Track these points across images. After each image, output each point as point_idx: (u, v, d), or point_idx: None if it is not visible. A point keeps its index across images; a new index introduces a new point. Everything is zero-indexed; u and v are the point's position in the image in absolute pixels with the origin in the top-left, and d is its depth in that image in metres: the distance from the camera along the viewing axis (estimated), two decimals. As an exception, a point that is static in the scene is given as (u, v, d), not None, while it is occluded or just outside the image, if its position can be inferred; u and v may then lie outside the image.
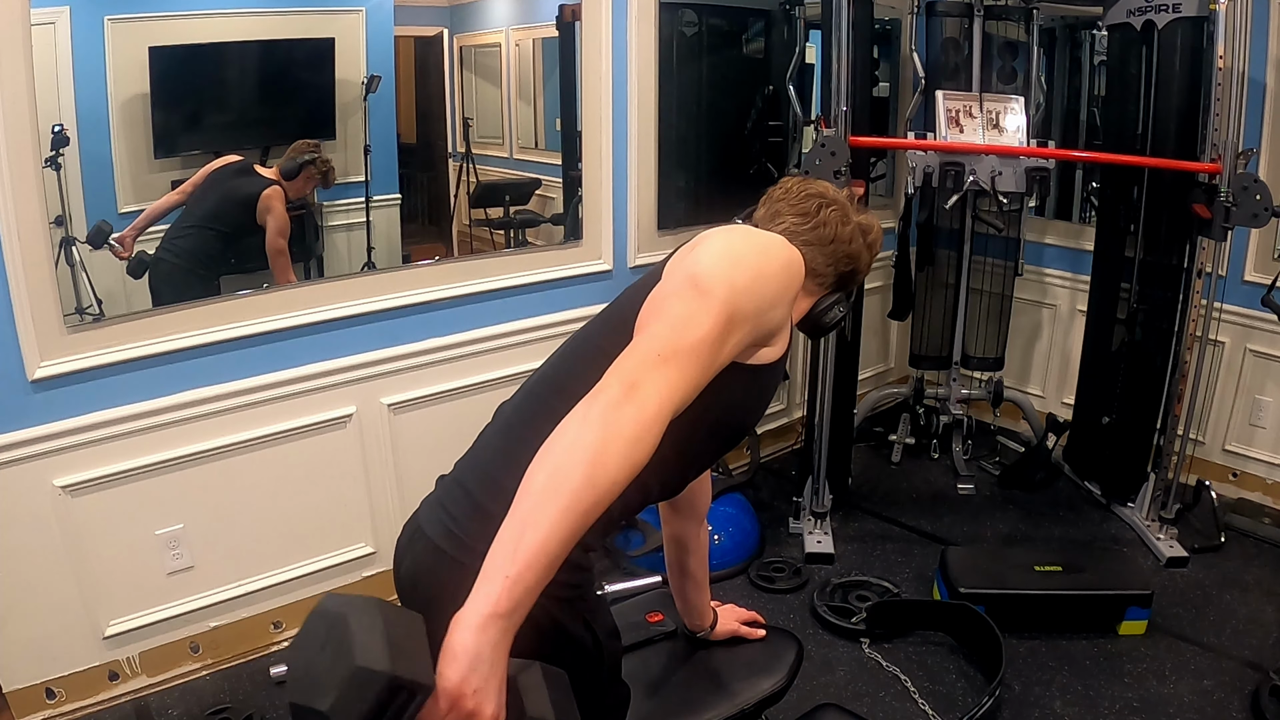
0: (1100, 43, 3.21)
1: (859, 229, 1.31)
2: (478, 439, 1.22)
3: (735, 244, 1.11)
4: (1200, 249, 2.66)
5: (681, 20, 2.91)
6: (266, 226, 2.28)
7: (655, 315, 1.00)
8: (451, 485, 1.16)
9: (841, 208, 1.30)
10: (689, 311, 0.98)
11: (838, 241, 1.28)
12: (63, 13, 1.89)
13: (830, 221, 1.28)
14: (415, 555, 1.14)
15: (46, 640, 2.05)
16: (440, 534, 1.11)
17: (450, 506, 1.13)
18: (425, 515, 1.16)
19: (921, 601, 2.56)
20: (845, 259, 1.29)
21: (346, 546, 2.46)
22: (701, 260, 1.05)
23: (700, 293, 1.00)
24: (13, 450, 1.91)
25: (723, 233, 1.13)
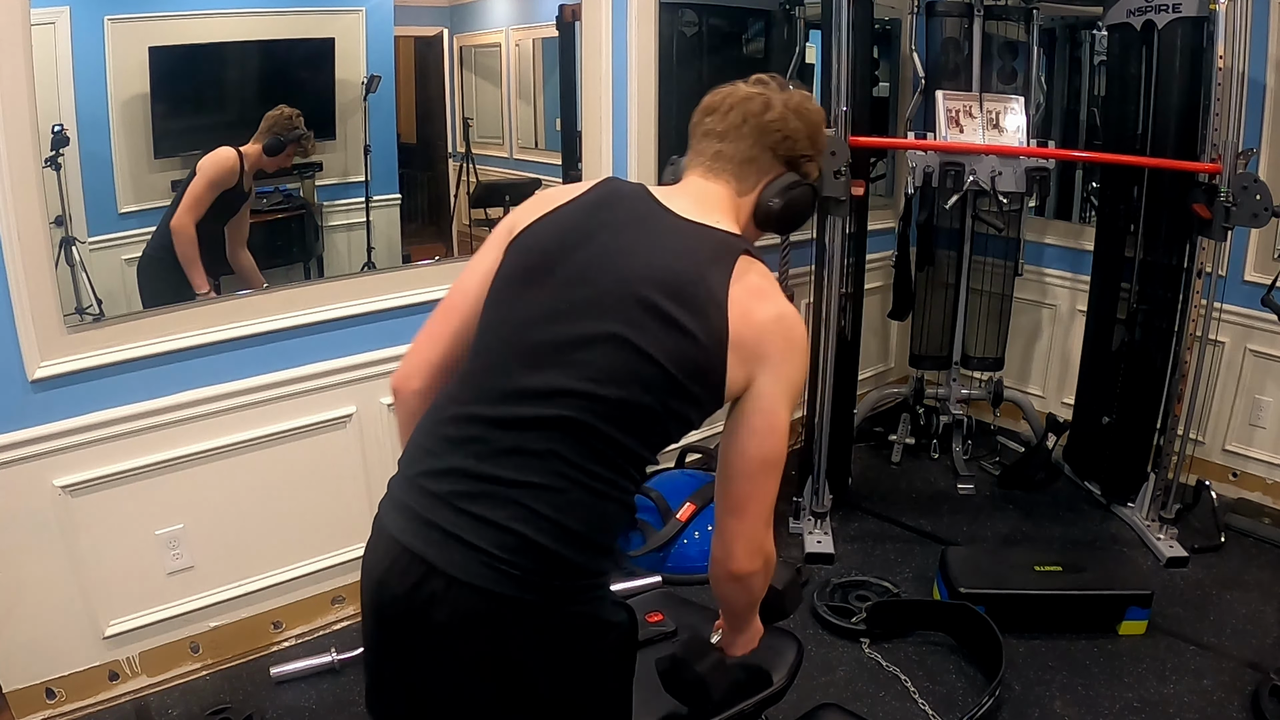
0: (1100, 43, 3.21)
1: (775, 100, 1.25)
2: (472, 460, 1.13)
3: (799, 377, 1.18)
4: (1200, 249, 2.66)
5: (681, 20, 2.91)
6: (197, 174, 2.17)
7: (749, 503, 1.17)
8: (486, 529, 1.09)
9: (748, 89, 1.26)
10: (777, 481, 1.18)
11: (750, 117, 1.25)
12: (63, 13, 1.89)
13: (736, 103, 1.25)
14: (461, 606, 1.09)
15: (46, 640, 2.05)
16: (495, 580, 1.08)
17: (509, 555, 1.08)
18: (456, 563, 1.09)
19: (921, 601, 2.56)
20: (771, 133, 1.25)
21: (346, 546, 2.45)
22: (780, 436, 1.15)
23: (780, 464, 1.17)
24: (13, 450, 1.91)
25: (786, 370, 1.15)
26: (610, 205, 1.23)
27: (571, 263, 1.17)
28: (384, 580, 1.15)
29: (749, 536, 1.17)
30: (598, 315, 1.13)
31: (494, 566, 1.08)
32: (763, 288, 1.16)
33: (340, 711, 2.17)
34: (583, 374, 1.11)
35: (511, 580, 1.08)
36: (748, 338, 1.12)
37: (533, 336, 1.15)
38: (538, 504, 1.09)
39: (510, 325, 1.18)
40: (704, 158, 1.27)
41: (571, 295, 1.15)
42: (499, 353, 1.18)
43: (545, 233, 1.21)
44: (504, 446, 1.12)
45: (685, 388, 1.12)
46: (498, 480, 1.11)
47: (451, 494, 1.12)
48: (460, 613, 1.10)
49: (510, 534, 1.08)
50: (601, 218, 1.21)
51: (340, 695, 2.21)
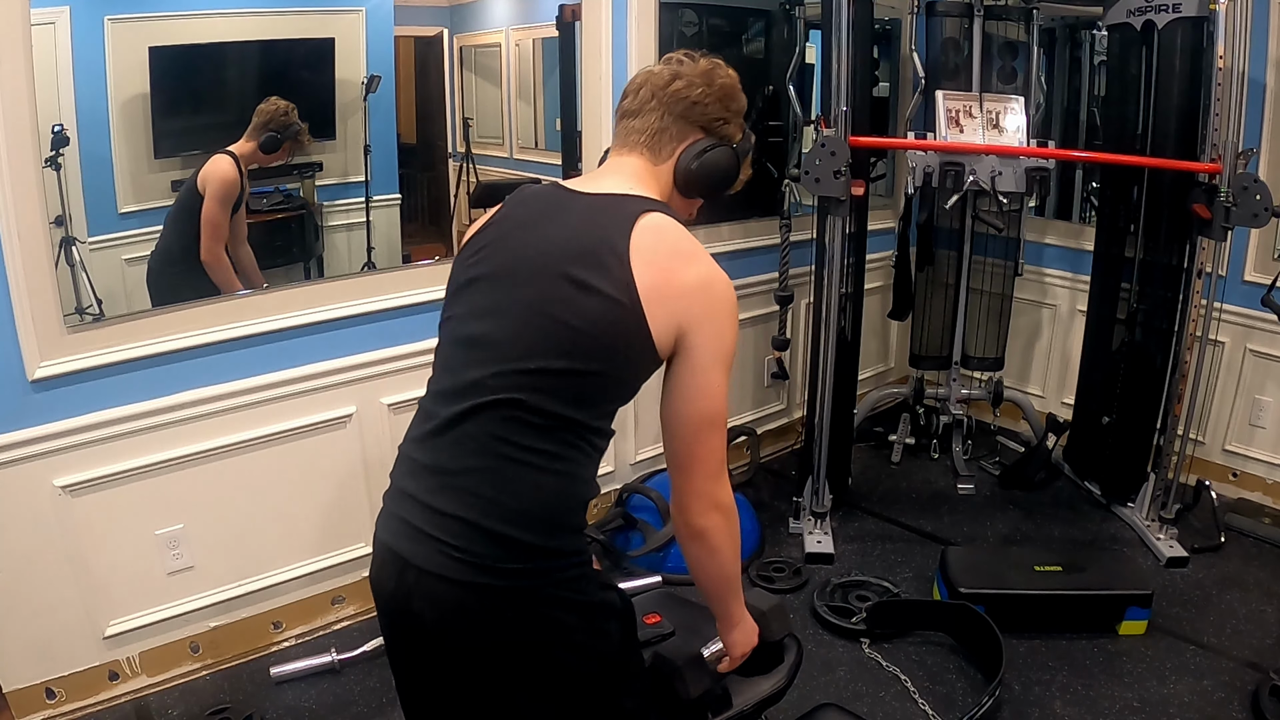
0: (1100, 43, 3.21)
1: (681, 70, 1.28)
2: (431, 457, 1.19)
3: (729, 337, 1.19)
4: (1200, 249, 2.66)
5: (681, 20, 2.91)
6: (205, 194, 2.18)
7: (693, 460, 1.19)
8: (439, 518, 1.14)
9: (679, 69, 1.28)
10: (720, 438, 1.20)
11: (657, 90, 1.28)
12: (63, 13, 1.89)
13: (646, 81, 1.29)
14: (434, 597, 1.14)
15: (46, 640, 2.05)
16: (466, 571, 1.12)
17: (458, 541, 1.12)
18: (421, 555, 1.14)
19: (921, 601, 2.56)
20: (679, 101, 1.28)
21: (346, 546, 2.46)
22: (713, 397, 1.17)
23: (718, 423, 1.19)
24: (13, 450, 1.91)
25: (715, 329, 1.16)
26: (521, 205, 1.29)
27: (490, 264, 1.24)
28: (375, 582, 1.23)
29: (698, 491, 1.20)
30: (516, 299, 1.18)
31: (449, 555, 1.12)
32: (680, 247, 1.17)
33: (340, 711, 2.17)
34: (508, 354, 1.15)
35: (469, 567, 1.12)
36: (668, 294, 1.14)
37: (465, 334, 1.22)
38: (478, 487, 1.13)
39: (449, 332, 1.26)
40: (620, 135, 1.32)
41: (493, 289, 1.21)
42: (444, 356, 1.25)
43: (469, 250, 1.29)
44: (450, 439, 1.17)
45: (611, 346, 1.15)
46: (444, 470, 1.17)
47: (419, 490, 1.18)
48: (433, 603, 1.14)
49: (457, 520, 1.13)
50: (514, 218, 1.28)
51: (340, 695, 2.21)
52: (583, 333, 1.13)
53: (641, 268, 1.13)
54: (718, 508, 1.22)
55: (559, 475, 1.16)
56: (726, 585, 1.31)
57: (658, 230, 1.17)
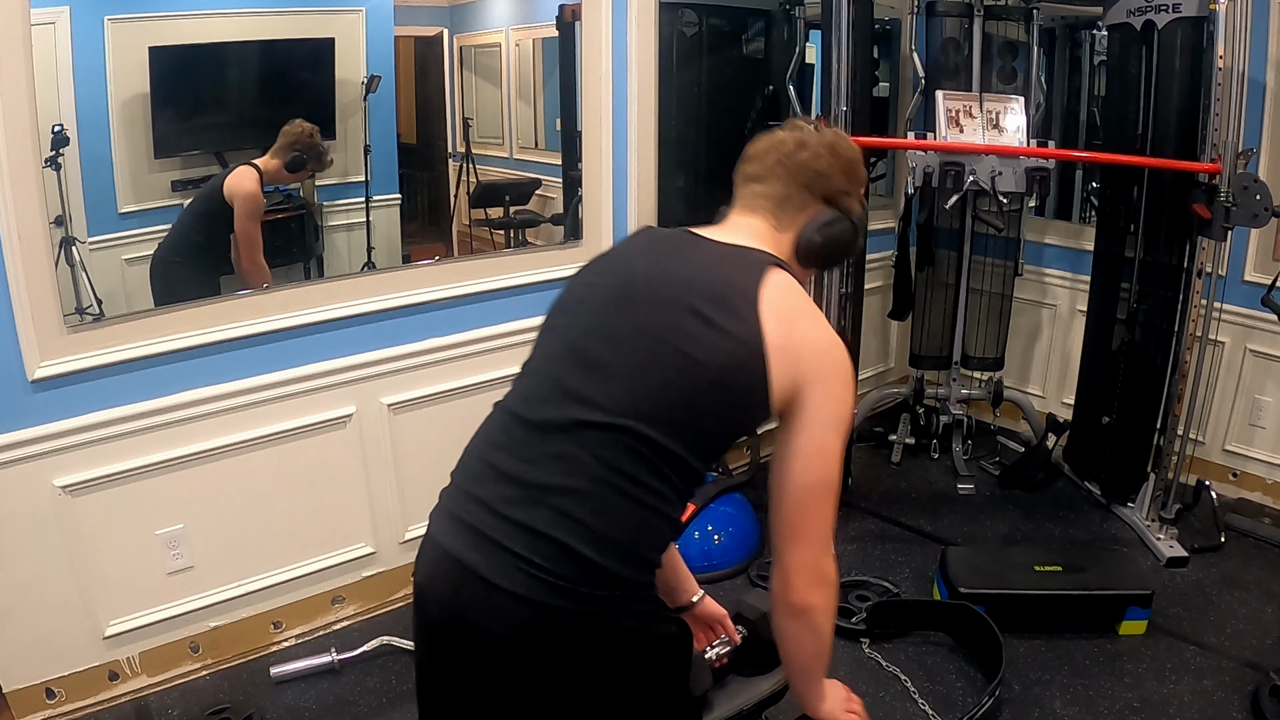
0: (1100, 43, 3.21)
1: (810, 140, 1.29)
2: (521, 466, 1.13)
3: (847, 402, 1.18)
4: (1200, 249, 2.66)
5: (681, 20, 2.91)
6: (235, 208, 2.23)
7: (804, 528, 1.17)
8: (522, 533, 1.09)
9: (784, 133, 1.30)
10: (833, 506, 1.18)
11: (785, 158, 1.29)
12: (63, 13, 1.89)
13: (773, 148, 1.30)
14: (501, 613, 1.09)
15: (46, 640, 2.05)
16: (544, 592, 1.08)
17: (543, 561, 1.08)
18: (493, 568, 1.09)
19: (921, 601, 2.56)
20: (805, 172, 1.29)
21: (346, 546, 2.46)
22: (830, 462, 1.15)
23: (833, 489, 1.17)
24: (13, 450, 1.91)
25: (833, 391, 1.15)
26: (647, 239, 1.32)
27: (611, 286, 1.23)
28: (427, 586, 1.17)
29: (806, 565, 1.17)
30: (639, 325, 1.15)
31: (530, 573, 1.08)
32: (807, 308, 1.18)
33: (340, 711, 2.17)
34: (628, 380, 1.12)
35: (547, 587, 1.08)
36: (792, 348, 1.13)
37: (576, 346, 1.18)
38: (578, 510, 1.09)
39: (556, 340, 1.23)
40: (744, 198, 1.31)
41: (614, 311, 1.19)
42: (544, 364, 1.22)
43: (588, 272, 1.30)
44: (547, 451, 1.12)
45: (730, 386, 1.13)
46: (535, 484, 1.11)
47: (495, 499, 1.13)
48: (499, 619, 1.09)
49: (548, 540, 1.08)
50: (639, 248, 1.29)
51: (340, 695, 2.21)
52: (706, 368, 1.11)
53: (769, 318, 1.12)
54: (824, 583, 1.19)
55: (655, 512, 1.13)
56: (819, 663, 1.28)
57: (787, 287, 1.17)
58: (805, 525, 1.16)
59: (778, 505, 1.17)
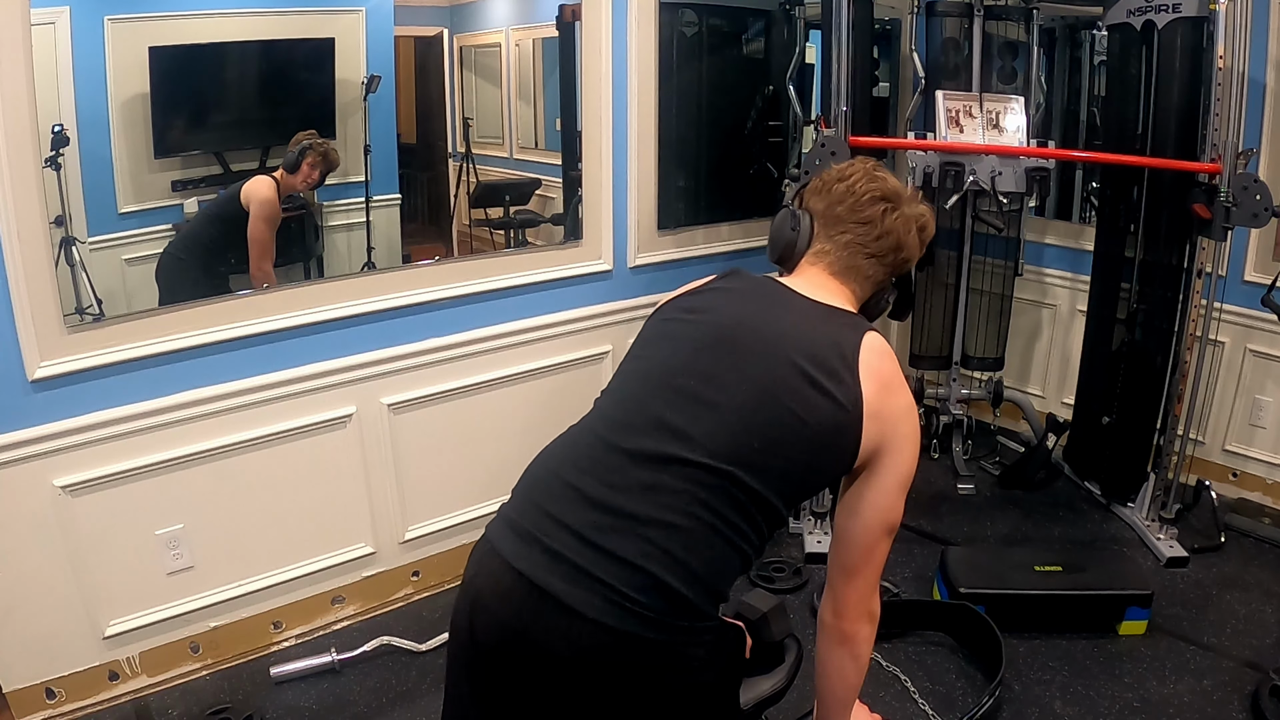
0: (1100, 43, 3.21)
1: (913, 223, 1.34)
2: (605, 491, 1.13)
3: (915, 462, 1.27)
4: (1200, 249, 2.66)
5: (681, 20, 2.91)
6: (250, 211, 2.26)
7: (866, 566, 1.29)
8: (612, 562, 1.09)
9: (901, 209, 1.33)
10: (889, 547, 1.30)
11: (900, 248, 1.34)
12: (63, 13, 1.89)
13: (894, 229, 1.33)
14: (576, 636, 1.09)
15: (46, 640, 2.06)
16: (629, 621, 1.08)
17: (633, 591, 1.08)
18: (577, 596, 1.08)
19: (921, 601, 2.56)
20: (903, 260, 1.36)
21: (346, 546, 2.46)
22: (896, 511, 1.26)
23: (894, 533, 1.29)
24: (13, 450, 1.91)
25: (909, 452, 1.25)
26: (740, 282, 1.35)
27: (712, 325, 1.25)
28: (491, 606, 1.14)
29: (860, 599, 1.28)
30: (746, 373, 1.19)
31: (622, 605, 1.08)
32: (897, 374, 1.25)
33: (340, 711, 2.17)
34: (733, 426, 1.15)
35: (638, 619, 1.09)
36: (884, 415, 1.20)
37: (675, 381, 1.20)
38: (671, 544, 1.10)
39: (652, 371, 1.24)
40: (839, 263, 1.35)
41: (715, 350, 1.22)
42: (639, 393, 1.23)
43: (685, 304, 1.32)
44: (641, 482, 1.13)
45: (826, 446, 1.18)
46: (632, 515, 1.11)
47: (581, 524, 1.12)
48: (581, 648, 1.09)
49: (642, 573, 1.09)
50: (738, 292, 1.32)
51: (340, 695, 2.21)
52: (809, 426, 1.16)
53: (868, 384, 1.19)
54: (871, 618, 1.31)
55: (739, 552, 1.16)
56: (854, 694, 1.39)
57: (882, 354, 1.23)
58: (865, 566, 1.27)
59: (843, 546, 1.28)
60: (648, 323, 1.35)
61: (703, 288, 1.36)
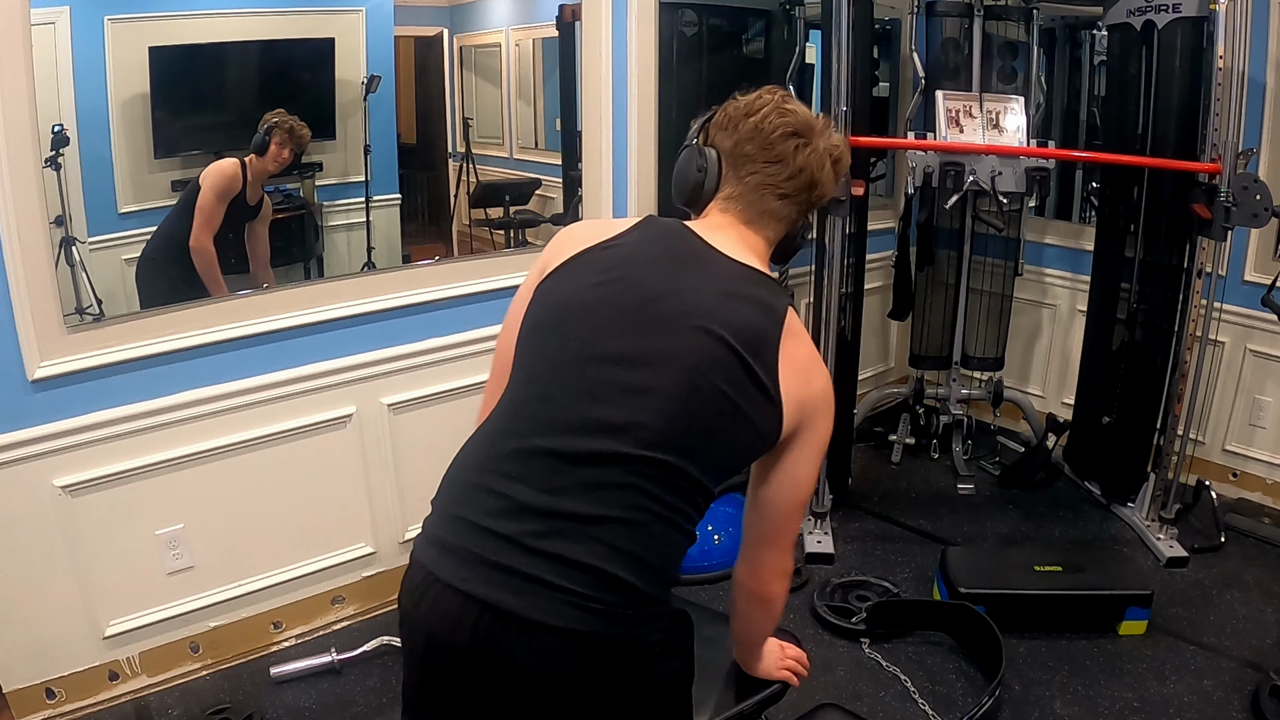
0: (1100, 43, 3.21)
1: (827, 157, 1.26)
2: (543, 494, 1.08)
3: (829, 436, 1.25)
4: (1200, 249, 2.66)
5: (681, 20, 2.91)
6: (202, 186, 2.18)
7: (784, 536, 1.28)
8: (565, 568, 1.05)
9: (814, 143, 1.25)
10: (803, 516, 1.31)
11: (814, 185, 1.26)
12: (63, 13, 1.89)
13: (807, 165, 1.24)
14: (539, 646, 1.05)
15: (46, 640, 2.05)
16: (591, 621, 1.06)
17: (589, 590, 1.06)
18: (536, 606, 1.05)
19: (921, 601, 2.56)
20: (817, 197, 1.29)
21: (346, 546, 2.46)
22: (810, 485, 1.25)
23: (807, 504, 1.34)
24: (13, 450, 1.91)
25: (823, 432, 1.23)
26: (657, 241, 1.23)
27: (629, 298, 1.16)
28: (439, 632, 1.09)
29: (776, 564, 1.29)
30: (671, 350, 1.12)
31: (583, 607, 1.05)
32: (812, 353, 1.22)
33: (340, 711, 2.17)
34: (662, 410, 1.10)
35: (602, 617, 1.06)
36: (804, 401, 1.18)
37: (600, 369, 1.13)
38: (619, 539, 1.08)
39: (565, 356, 1.15)
40: (752, 208, 1.26)
41: (639, 328, 1.14)
42: (555, 385, 1.14)
43: (590, 267, 1.20)
44: (579, 482, 1.08)
45: (756, 431, 1.17)
46: (575, 516, 1.07)
47: (522, 534, 1.07)
48: (546, 658, 1.06)
49: (596, 572, 1.06)
50: (652, 253, 1.21)
51: (340, 695, 2.21)
52: (741, 411, 1.14)
53: (788, 373, 1.16)
54: (785, 576, 1.32)
55: (686, 534, 1.18)
56: (765, 637, 1.43)
57: (799, 336, 1.20)
58: (782, 535, 1.27)
59: (760, 516, 1.26)
60: (555, 280, 1.21)
61: (614, 241, 1.22)
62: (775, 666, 1.48)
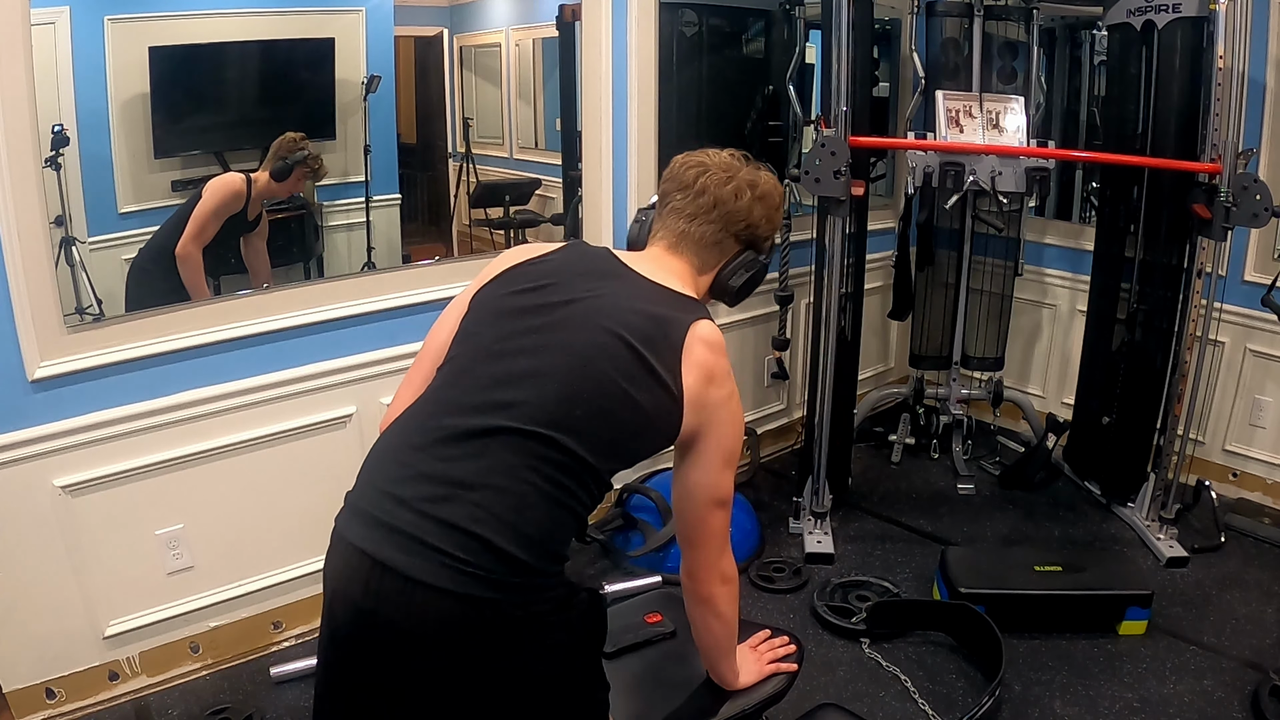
0: (1100, 43, 3.21)
1: (744, 185, 1.37)
2: (438, 463, 1.17)
3: (737, 442, 1.33)
4: (1200, 249, 2.66)
5: (681, 20, 2.91)
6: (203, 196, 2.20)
7: (703, 536, 1.33)
8: (439, 528, 1.12)
9: (718, 171, 1.37)
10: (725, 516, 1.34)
11: (720, 204, 1.36)
12: (63, 13, 1.89)
13: (707, 187, 1.36)
14: (405, 603, 1.11)
15: (46, 640, 2.06)
16: (454, 580, 1.11)
17: (457, 550, 1.11)
18: (405, 559, 1.11)
19: (921, 601, 2.56)
20: (737, 221, 1.37)
21: (346, 546, 2.45)
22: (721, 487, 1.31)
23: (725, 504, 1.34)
24: (13, 450, 1.91)
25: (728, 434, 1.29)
26: (579, 259, 1.37)
27: (542, 301, 1.28)
28: (341, 588, 1.17)
29: (707, 564, 1.34)
30: (570, 341, 1.23)
31: (457, 569, 1.11)
32: (721, 365, 1.28)
33: (340, 711, 2.17)
34: (555, 393, 1.20)
35: (475, 580, 1.11)
36: (704, 404, 1.25)
37: (503, 360, 1.24)
38: (497, 506, 1.14)
39: (479, 349, 1.27)
40: (670, 235, 1.39)
41: (543, 325, 1.26)
42: (467, 372, 1.26)
43: (515, 279, 1.33)
44: (469, 452, 1.17)
45: (649, 423, 1.23)
46: (462, 484, 1.15)
47: (415, 498, 1.15)
48: (425, 617, 1.12)
49: (473, 536, 1.12)
50: (572, 268, 1.34)
51: (340, 695, 2.21)
52: (631, 397, 1.21)
53: (690, 374, 1.23)
54: (724, 578, 1.36)
55: (571, 512, 1.21)
56: (728, 643, 1.45)
57: (709, 343, 1.26)
58: (702, 536, 1.33)
59: (679, 519, 1.34)
60: (484, 291, 1.35)
61: (542, 258, 1.37)
62: (759, 668, 1.52)
